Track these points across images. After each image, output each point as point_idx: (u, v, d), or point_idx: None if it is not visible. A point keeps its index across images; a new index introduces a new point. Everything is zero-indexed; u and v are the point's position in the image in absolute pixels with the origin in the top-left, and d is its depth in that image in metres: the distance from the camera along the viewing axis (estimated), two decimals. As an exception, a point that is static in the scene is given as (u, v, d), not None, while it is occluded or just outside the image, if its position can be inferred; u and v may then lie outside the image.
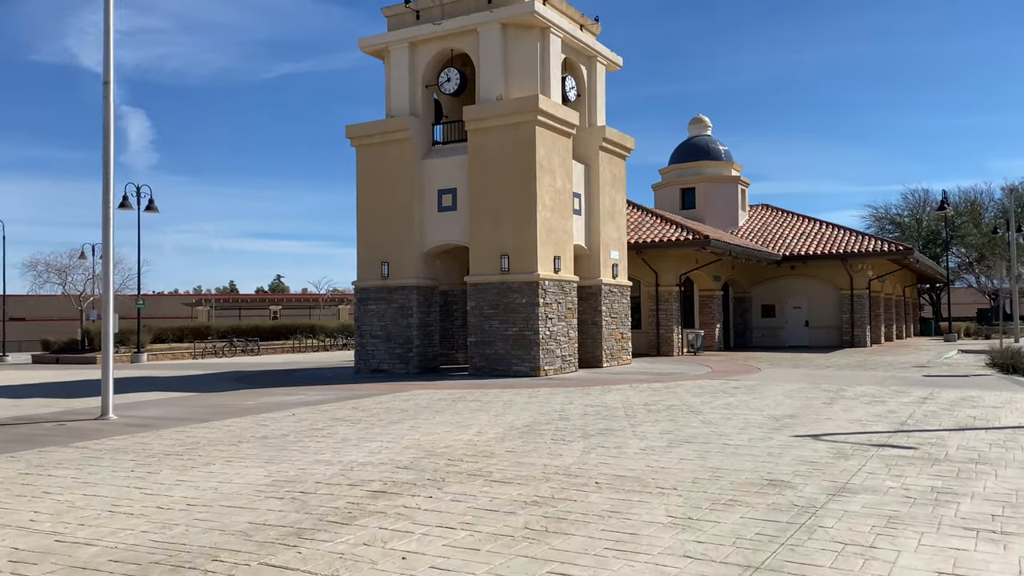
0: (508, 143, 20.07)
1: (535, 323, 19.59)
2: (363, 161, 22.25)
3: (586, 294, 22.85)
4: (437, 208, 21.46)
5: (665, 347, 28.82)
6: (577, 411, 12.53)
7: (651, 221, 29.99)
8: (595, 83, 23.48)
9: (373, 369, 21.78)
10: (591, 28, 23.32)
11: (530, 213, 19.76)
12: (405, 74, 21.85)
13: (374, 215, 21.96)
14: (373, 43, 22.21)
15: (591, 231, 22.99)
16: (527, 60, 20.67)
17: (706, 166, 38.72)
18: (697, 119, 40.44)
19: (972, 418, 11.37)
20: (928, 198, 64.40)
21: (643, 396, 14.73)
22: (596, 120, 23.39)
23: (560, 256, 20.65)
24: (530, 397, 14.74)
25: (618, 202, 24.08)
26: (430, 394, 15.72)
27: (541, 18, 20.34)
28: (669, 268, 28.98)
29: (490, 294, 20.18)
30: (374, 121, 21.97)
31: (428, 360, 21.80)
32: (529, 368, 19.60)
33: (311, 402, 14.72)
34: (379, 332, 21.77)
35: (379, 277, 21.79)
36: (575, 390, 16.08)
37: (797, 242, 35.58)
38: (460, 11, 21.27)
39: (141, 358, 33.49)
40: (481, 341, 20.27)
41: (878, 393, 14.93)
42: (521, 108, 19.81)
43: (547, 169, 20.21)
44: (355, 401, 14.69)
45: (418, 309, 21.42)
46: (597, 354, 22.76)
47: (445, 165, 21.40)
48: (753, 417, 11.65)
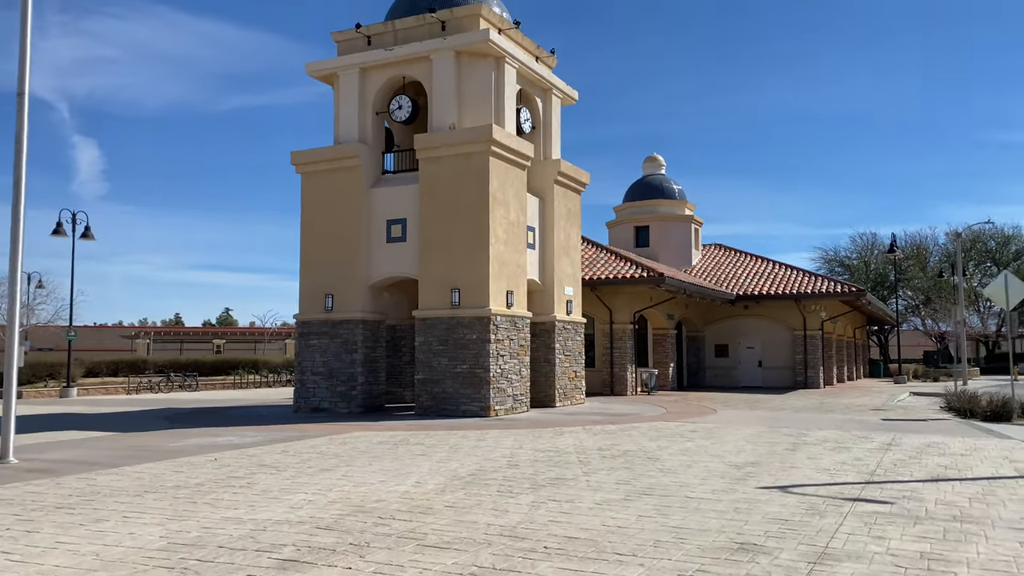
0: (461, 173, 19.34)
1: (486, 360, 18.70)
2: (308, 189, 21.28)
3: (539, 330, 22.07)
4: (386, 239, 20.56)
5: (619, 386, 28.11)
6: (527, 457, 11.63)
7: (606, 257, 29.46)
8: (550, 116, 22.98)
9: (314, 408, 20.59)
10: (547, 60, 22.87)
11: (482, 245, 18.97)
12: (355, 100, 21.05)
13: (319, 245, 20.94)
14: (321, 67, 21.41)
15: (545, 266, 22.29)
16: (481, 89, 20.06)
17: (660, 204, 38.55)
18: (651, 158, 40.37)
19: (943, 467, 10.78)
20: (876, 241, 65.56)
21: (597, 440, 13.90)
22: (551, 153, 22.84)
23: (513, 291, 19.87)
24: (478, 440, 13.80)
25: (573, 237, 23.47)
26: (370, 436, 14.67)
27: (496, 47, 19.78)
28: (623, 306, 28.40)
29: (439, 329, 19.26)
30: (321, 148, 21.08)
31: (373, 398, 20.70)
32: (479, 408, 18.65)
33: (238, 445, 13.57)
34: (321, 368, 20.63)
35: (322, 310, 20.71)
36: (526, 432, 15.18)
37: (750, 282, 35.42)
38: (413, 38, 20.63)
39: (70, 393, 31.61)
40: (429, 379, 19.28)
41: (840, 438, 14.34)
42: (474, 137, 19.13)
43: (501, 201, 19.50)
44: (286, 444, 13.58)
45: (363, 344, 20.36)
46: (550, 393, 21.91)
47: (395, 194, 20.56)
48: (714, 465, 10.89)
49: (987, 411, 18.58)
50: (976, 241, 62.86)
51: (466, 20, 20.17)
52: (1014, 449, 12.81)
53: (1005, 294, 19.92)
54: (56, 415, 20.80)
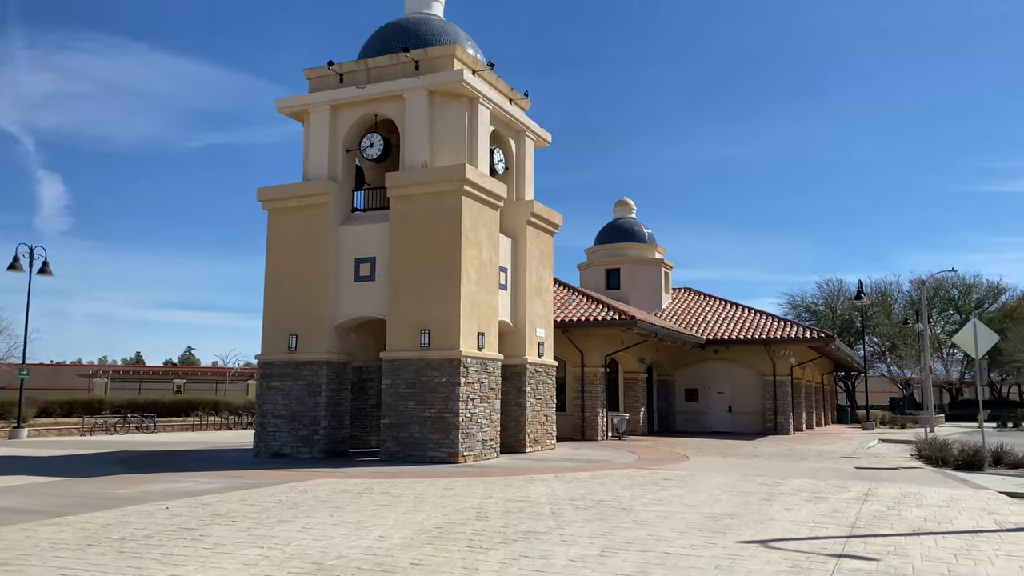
0: (432, 212, 19.05)
1: (455, 404, 18.21)
2: (275, 226, 20.83)
3: (510, 373, 21.65)
4: (354, 278, 20.11)
5: (590, 431, 27.69)
6: (498, 507, 11.15)
7: (577, 299, 29.25)
8: (524, 157, 22.87)
9: (274, 452, 19.87)
10: (520, 103, 22.85)
11: (453, 286, 18.62)
12: (325, 137, 20.76)
13: (284, 283, 20.43)
14: (292, 104, 21.13)
15: (517, 307, 21.96)
16: (454, 129, 19.89)
17: (630, 248, 38.60)
18: (622, 202, 40.55)
19: (923, 520, 10.51)
20: (842, 288, 66.38)
21: (570, 488, 13.46)
22: (524, 194, 22.69)
23: (484, 332, 19.48)
24: (446, 489, 13.28)
25: (545, 278, 23.22)
26: (333, 484, 14.07)
27: (470, 87, 19.68)
28: (595, 348, 28.12)
29: (407, 372, 18.76)
30: (290, 184, 20.69)
31: (336, 443, 20.03)
32: (447, 454, 18.10)
33: (194, 492, 12.90)
34: (283, 412, 19.95)
35: (286, 351, 20.11)
36: (496, 480, 14.68)
37: (720, 326, 35.41)
38: (386, 76, 20.47)
39: (21, 434, 30.32)
40: (395, 423, 18.72)
41: (816, 488, 14.05)
42: (447, 176, 18.89)
43: (473, 241, 19.21)
44: (244, 492, 12.94)
45: (327, 387, 19.76)
46: (520, 438, 21.42)
47: (364, 232, 20.18)
48: (691, 516, 10.51)
49: (959, 460, 18.45)
50: (939, 289, 63.91)
51: (440, 60, 20.08)
52: (990, 500, 12.61)
53: (974, 342, 19.96)
54: (1, 458, 19.81)
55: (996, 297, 65.38)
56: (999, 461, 18.59)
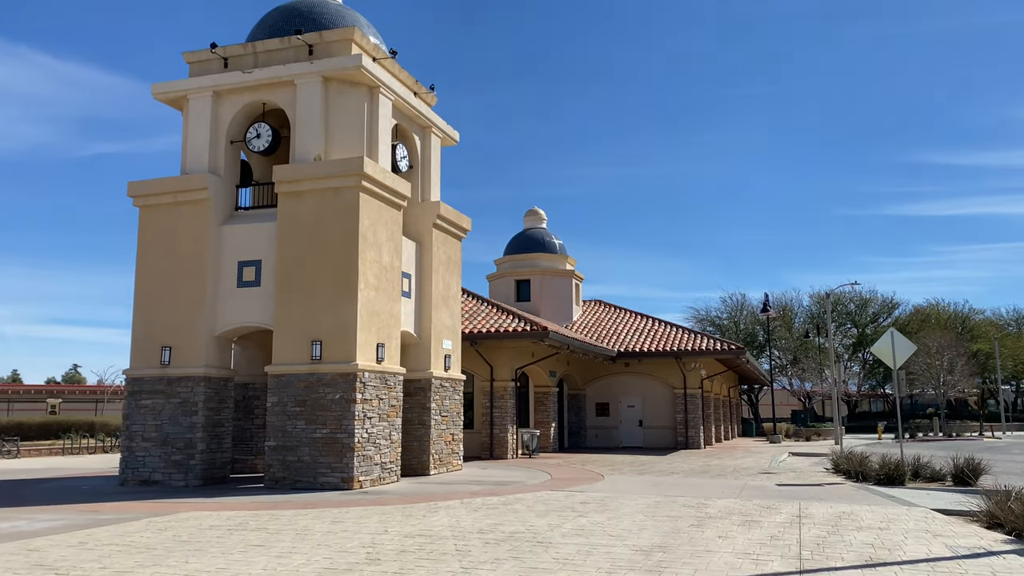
0: (327, 210, 17.20)
1: (350, 424, 16.35)
2: (147, 224, 18.50)
3: (413, 389, 19.91)
4: (236, 283, 18.00)
5: (499, 449, 26.16)
6: (392, 546, 9.45)
7: (487, 310, 27.77)
8: (429, 155, 21.28)
9: (144, 480, 17.47)
10: (425, 97, 21.28)
11: (350, 291, 16.79)
12: (206, 127, 18.61)
13: (156, 289, 18.11)
14: (169, 89, 18.90)
15: (422, 317, 20.27)
16: (352, 120, 18.12)
17: (541, 258, 37.48)
18: (532, 211, 39.44)
19: (869, 546, 9.43)
20: (745, 302, 67.36)
21: (478, 518, 11.86)
22: (430, 195, 21.07)
23: (384, 343, 17.70)
24: (334, 522, 11.46)
25: (453, 286, 21.62)
26: (202, 518, 12.02)
27: (369, 75, 17.98)
28: (505, 362, 26.67)
29: (296, 388, 16.79)
30: (165, 178, 18.43)
31: (215, 468, 17.80)
32: (340, 479, 16.20)
33: (24, 533, 10.65)
34: (153, 434, 17.58)
35: (158, 365, 17.78)
36: (394, 509, 12.93)
37: (631, 339, 34.62)
38: (276, 61, 18.54)
39: None
40: (282, 446, 16.69)
41: (744, 509, 12.93)
42: (343, 171, 17.10)
43: (372, 242, 17.45)
44: (89, 531, 10.78)
45: (205, 405, 17.53)
46: (424, 460, 19.67)
47: (249, 233, 18.12)
48: (618, 550, 9.09)
49: (880, 475, 17.82)
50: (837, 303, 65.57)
51: (336, 45, 18.31)
52: (928, 520, 11.75)
53: (892, 352, 19.52)
54: None
55: (890, 312, 67.68)
56: (917, 475, 18.11)
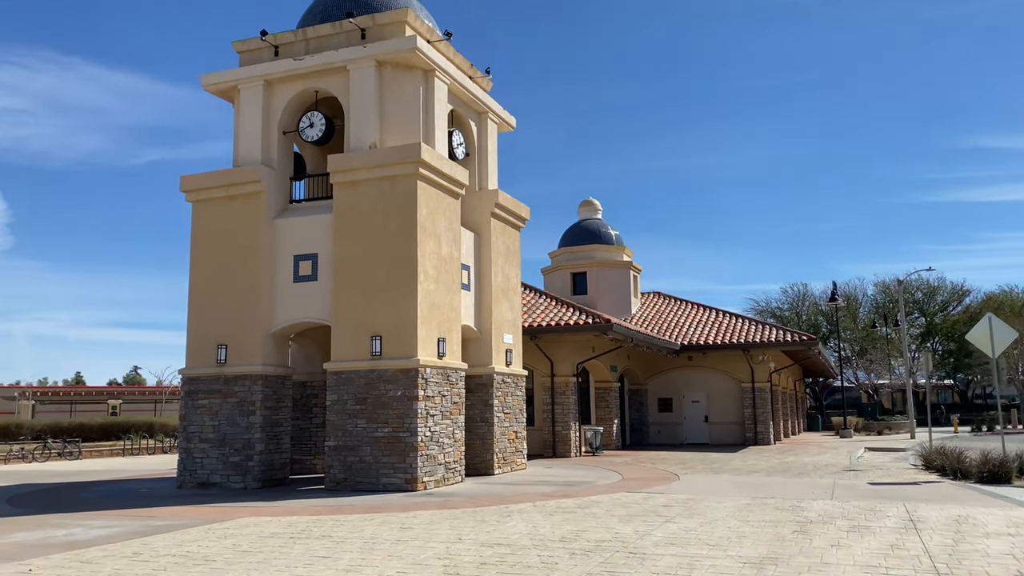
0: (383, 200, 16.45)
1: (412, 422, 15.58)
2: (200, 220, 18.00)
3: (475, 385, 19.08)
4: (293, 278, 17.38)
5: (561, 447, 25.22)
6: (470, 558, 8.58)
7: (545, 303, 26.83)
8: (486, 142, 20.41)
9: (201, 482, 16.97)
10: (481, 81, 20.40)
11: (409, 284, 16.02)
12: (258, 118, 18.02)
13: (211, 286, 17.60)
14: (220, 80, 18.36)
15: (482, 310, 19.43)
16: (407, 106, 17.35)
17: (597, 250, 36.36)
18: (587, 202, 38.34)
19: (1012, 558, 8.25)
20: (807, 292, 65.21)
21: (556, 524, 10.94)
22: (487, 183, 20.21)
23: (445, 338, 16.90)
24: (402, 529, 10.65)
25: (512, 278, 20.73)
26: (262, 524, 11.34)
27: (424, 57, 17.17)
28: (565, 356, 25.72)
29: (356, 385, 16.08)
30: (218, 171, 17.89)
31: (274, 470, 17.21)
32: (403, 480, 15.45)
33: (79, 541, 10.07)
34: (211, 434, 17.07)
35: (214, 363, 17.26)
36: (464, 514, 12.09)
37: (694, 331, 33.31)
38: (328, 46, 17.85)
39: (-81, 465, 26.76)
40: (343, 445, 16.01)
41: (846, 512, 11.77)
42: (400, 158, 16.32)
43: (431, 232, 16.66)
44: (145, 540, 10.15)
45: (263, 405, 16.94)
46: (487, 459, 18.84)
47: (304, 226, 17.48)
48: (723, 563, 8.08)
49: (982, 472, 16.41)
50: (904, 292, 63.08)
51: (389, 28, 17.55)
52: (1063, 524, 10.45)
53: (990, 339, 18.04)
54: None
55: (960, 299, 64.78)
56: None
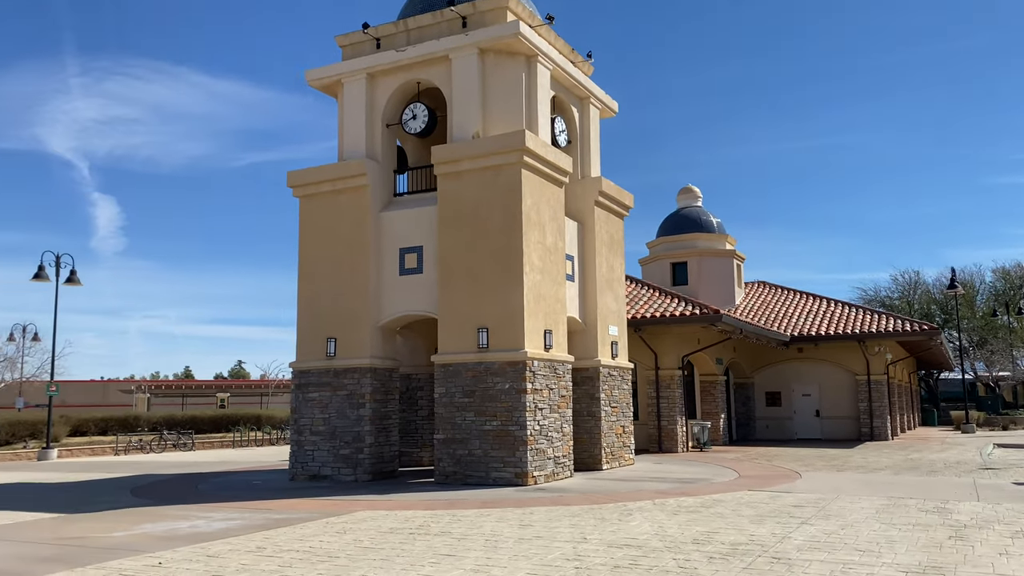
0: (487, 190, 16.16)
1: (521, 415, 15.25)
2: (307, 215, 18.16)
3: (580, 378, 18.63)
4: (399, 271, 17.32)
5: (668, 442, 24.49)
6: (600, 559, 8.13)
7: (648, 294, 26.11)
8: (588, 128, 19.88)
9: (313, 475, 17.12)
10: (582, 66, 19.86)
11: (515, 275, 15.69)
12: (362, 111, 18.03)
13: (319, 280, 17.73)
14: (323, 75, 18.46)
15: (586, 301, 18.95)
16: (510, 93, 17.00)
17: (698, 239, 35.20)
18: (686, 189, 37.19)
19: None
20: (919, 280, 61.86)
21: (681, 523, 10.38)
22: (590, 171, 19.68)
23: (552, 330, 16.50)
24: (522, 526, 10.30)
25: (616, 268, 20.15)
26: (378, 520, 11.20)
27: (527, 43, 16.78)
28: (670, 349, 24.95)
29: (464, 378, 15.88)
30: (324, 165, 18.00)
31: (384, 463, 17.21)
32: (513, 474, 15.15)
33: (202, 534, 10.15)
34: (321, 427, 17.20)
35: (323, 357, 17.38)
36: (582, 511, 11.66)
37: (804, 322, 31.86)
38: (429, 36, 17.68)
39: (49, 455, 28.26)
40: (452, 439, 15.83)
41: (1000, 516, 10.75)
42: (503, 147, 15.99)
43: (535, 222, 16.27)
44: (266, 533, 10.14)
45: (372, 397, 16.96)
46: (595, 453, 18.36)
47: (409, 218, 17.39)
48: (881, 572, 7.37)
49: None
50: None
51: (490, 14, 17.22)
52: None
53: None
54: (4, 486, 17.43)
55: (1089, 285, 60.04)
56: None
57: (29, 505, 13.74)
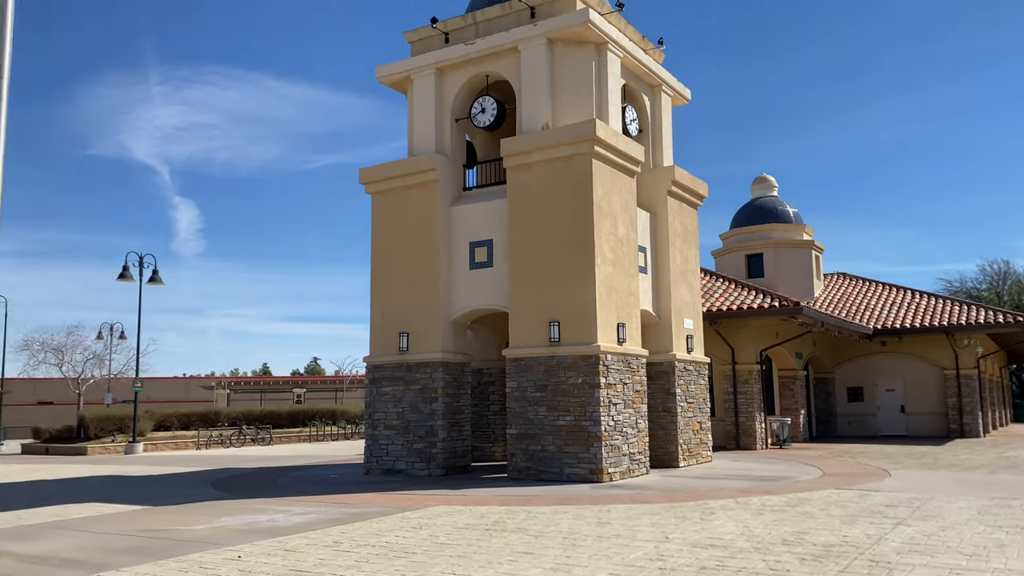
0: (558, 181, 15.90)
1: (595, 410, 14.95)
2: (379, 211, 18.21)
3: (655, 373, 18.20)
4: (469, 265, 17.21)
5: (746, 439, 23.80)
6: (685, 560, 7.80)
7: (723, 287, 25.42)
8: (660, 116, 19.40)
9: (387, 469, 17.18)
10: (653, 53, 19.38)
11: (586, 268, 15.39)
12: (431, 106, 17.98)
13: (391, 275, 17.77)
14: (393, 71, 18.47)
15: (660, 294, 18.50)
16: (579, 82, 16.68)
17: (774, 229, 34.14)
18: (761, 178, 36.12)
19: None
20: (1009, 269, 58.94)
21: (768, 524, 9.93)
22: (662, 160, 19.20)
23: (625, 323, 16.14)
24: (600, 524, 10.03)
25: (691, 260, 19.62)
26: (453, 515, 11.08)
27: (597, 31, 16.44)
28: (747, 343, 24.23)
29: (535, 372, 15.66)
30: (394, 161, 18.02)
31: (457, 457, 17.15)
32: (588, 470, 14.86)
33: (281, 528, 10.20)
34: (395, 421, 17.25)
35: (396, 351, 17.42)
36: (662, 509, 11.31)
37: (887, 314, 30.59)
38: (498, 28, 17.49)
39: (136, 449, 29.31)
40: (524, 434, 15.64)
41: (1121, 519, 9.95)
42: (574, 137, 15.70)
43: (607, 213, 15.93)
44: (343, 528, 10.13)
45: (444, 392, 16.91)
46: (671, 450, 17.92)
47: (479, 212, 17.26)
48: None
49: None
50: None
51: (559, 3, 16.92)
52: None
53: None
54: (92, 478, 18.04)
55: None
56: None
57: (115, 497, 14.13)
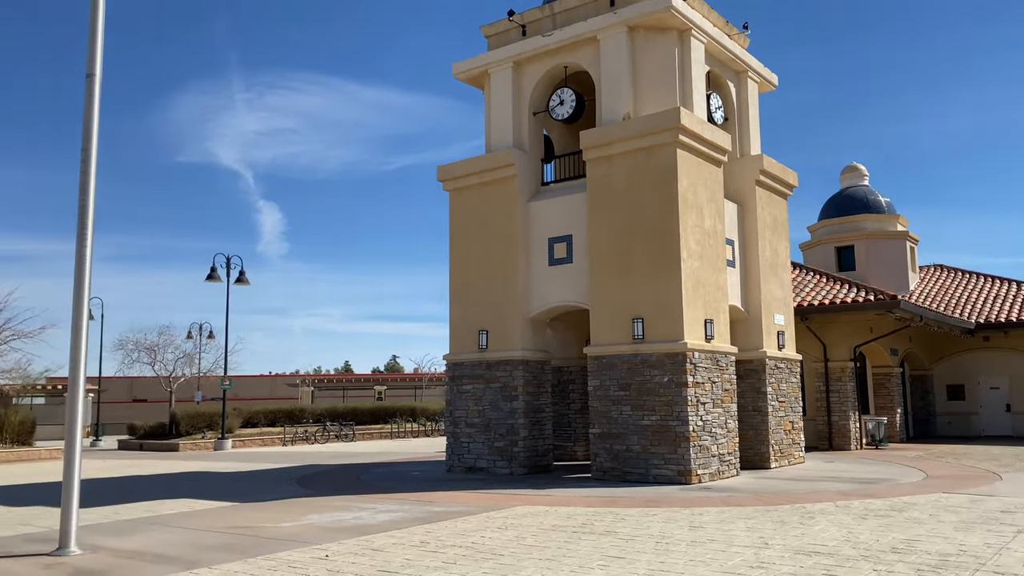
0: (639, 173, 15.44)
1: (682, 410, 14.45)
2: (457, 208, 18.10)
3: (744, 371, 17.53)
4: (548, 261, 16.92)
5: (839, 439, 22.77)
6: (787, 568, 7.32)
7: (813, 280, 24.39)
8: (746, 103, 18.69)
9: (468, 467, 17.05)
10: (738, 39, 18.68)
11: (671, 262, 14.89)
12: (508, 100, 17.75)
13: (470, 273, 17.63)
14: (470, 66, 18.32)
15: (749, 288, 17.82)
16: (662, 70, 16.18)
17: (866, 220, 32.62)
18: (851, 167, 34.58)
19: None
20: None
21: (874, 529, 9.31)
22: (750, 148, 18.49)
23: (712, 319, 15.56)
24: (692, 528, 9.59)
25: (781, 252, 18.84)
26: (539, 517, 10.81)
27: (680, 17, 15.90)
28: (840, 339, 23.19)
29: (619, 370, 15.25)
30: (472, 158, 17.88)
31: (538, 456, 16.89)
32: (675, 472, 14.38)
33: (367, 527, 10.12)
34: (475, 419, 17.10)
35: (476, 349, 17.27)
36: (757, 513, 10.78)
37: (990, 307, 28.86)
38: (576, 18, 17.12)
39: (224, 445, 30.13)
40: (608, 433, 15.25)
41: None
42: (656, 126, 15.21)
43: (692, 204, 15.39)
44: (428, 527, 9.98)
45: (524, 390, 16.67)
46: (762, 451, 17.24)
47: (557, 207, 16.94)
48: None
49: None
50: None
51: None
52: None
53: None
54: (183, 474, 18.51)
55: None
56: None
57: (205, 493, 14.40)
